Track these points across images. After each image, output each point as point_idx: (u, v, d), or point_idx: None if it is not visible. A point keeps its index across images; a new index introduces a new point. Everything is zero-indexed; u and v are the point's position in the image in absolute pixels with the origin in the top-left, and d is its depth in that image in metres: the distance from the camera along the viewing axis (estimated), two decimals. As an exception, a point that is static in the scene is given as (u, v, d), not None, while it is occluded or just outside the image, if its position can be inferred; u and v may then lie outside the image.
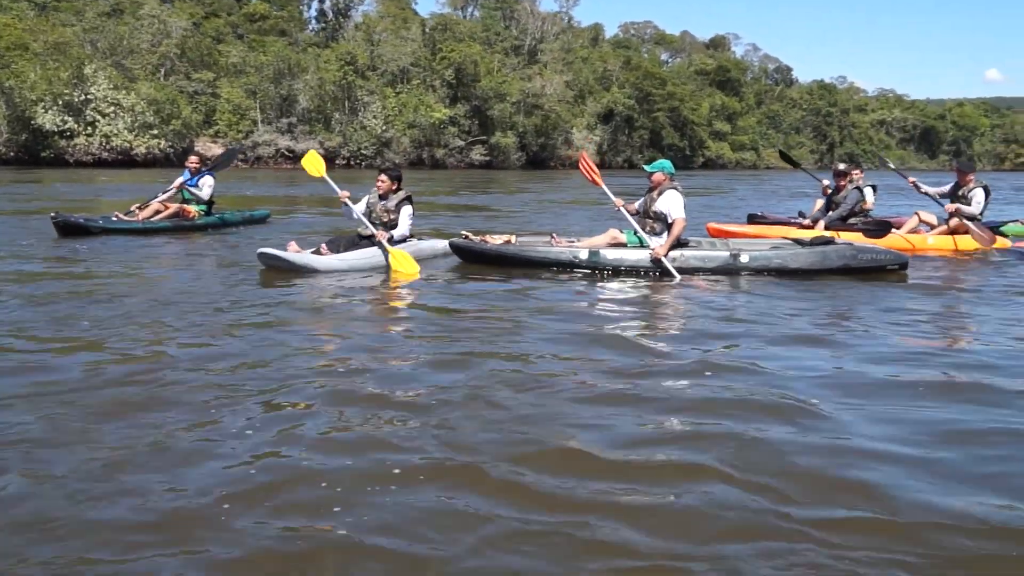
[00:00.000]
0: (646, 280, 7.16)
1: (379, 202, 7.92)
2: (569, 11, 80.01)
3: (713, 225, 10.32)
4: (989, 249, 9.58)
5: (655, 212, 7.62)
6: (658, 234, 7.58)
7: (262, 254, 7.06)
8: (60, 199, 16.97)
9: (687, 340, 4.94)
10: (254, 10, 64.18)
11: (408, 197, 7.98)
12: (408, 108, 52.05)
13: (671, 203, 7.51)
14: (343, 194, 7.69)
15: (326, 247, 7.46)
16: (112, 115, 39.97)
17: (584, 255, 7.50)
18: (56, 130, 38.74)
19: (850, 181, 10.27)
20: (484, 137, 56.07)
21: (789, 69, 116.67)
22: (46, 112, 38.34)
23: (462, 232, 8.10)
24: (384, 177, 7.98)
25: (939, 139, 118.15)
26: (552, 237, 7.96)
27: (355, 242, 7.73)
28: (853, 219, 10.06)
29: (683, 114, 76.78)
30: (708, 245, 8.06)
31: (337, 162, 49.59)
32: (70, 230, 9.19)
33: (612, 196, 7.79)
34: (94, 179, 27.21)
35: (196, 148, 44.11)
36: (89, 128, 39.63)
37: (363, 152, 49.91)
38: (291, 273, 6.90)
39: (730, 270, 7.46)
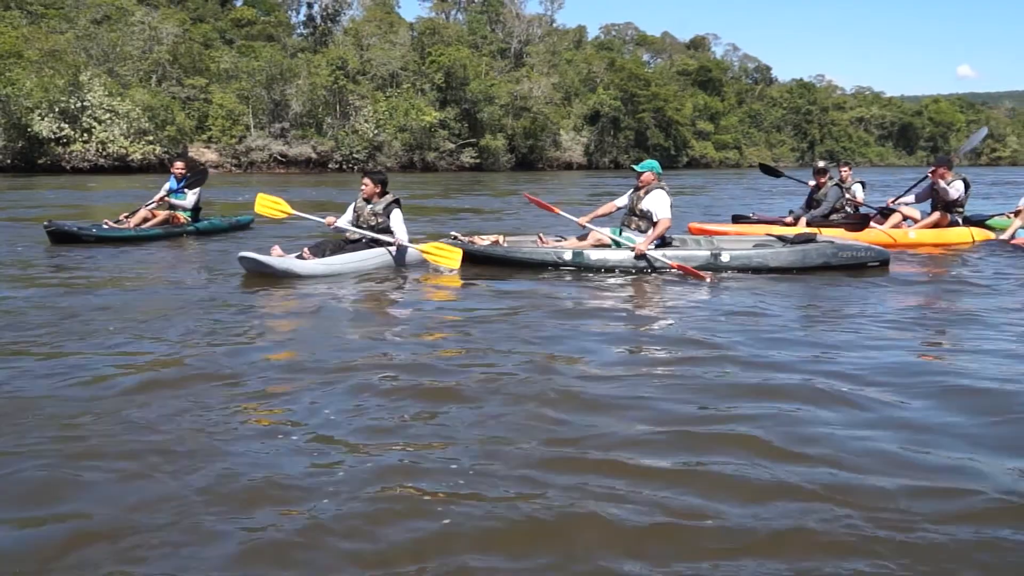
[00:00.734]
0: (629, 278, 7.33)
1: (366, 206, 7.89)
2: (553, 14, 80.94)
3: (695, 225, 10.28)
4: (972, 243, 9.72)
5: (641, 210, 7.86)
6: (643, 231, 7.82)
7: (243, 258, 6.98)
8: (55, 206, 16.90)
9: (665, 334, 5.18)
10: (241, 15, 64.54)
11: (396, 200, 7.96)
12: (399, 112, 52.63)
13: (658, 202, 7.76)
14: (328, 220, 7.72)
15: (309, 252, 7.41)
16: (108, 122, 40.29)
17: (568, 255, 7.71)
18: (53, 137, 39.02)
19: (830, 178, 10.53)
20: (474, 140, 56.72)
21: (768, 68, 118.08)
22: (42, 119, 38.62)
23: (451, 233, 8.25)
24: (368, 181, 7.94)
25: (917, 135, 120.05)
26: (539, 238, 8.18)
27: (341, 247, 7.66)
28: (835, 215, 10.32)
29: (667, 114, 77.87)
30: (693, 244, 8.25)
31: (330, 166, 50.14)
32: (63, 238, 9.22)
33: (572, 218, 8.06)
34: (88, 186, 27.33)
35: (190, 154, 44.62)
36: (85, 135, 39.93)
37: (355, 156, 50.42)
38: (278, 277, 6.89)
39: (711, 269, 7.60)
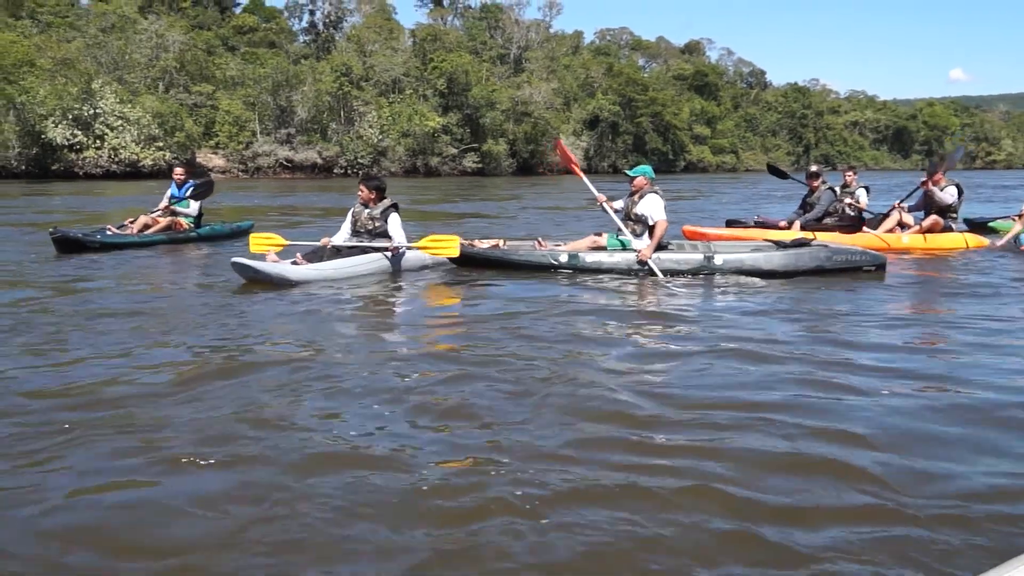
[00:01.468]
0: (622, 281, 7.49)
1: (363, 211, 7.94)
2: (551, 20, 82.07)
3: (689, 228, 10.32)
4: (965, 248, 9.80)
5: (636, 215, 7.98)
6: (639, 236, 7.95)
7: (235, 264, 6.94)
8: (68, 211, 17.14)
9: (660, 337, 5.28)
10: (242, 22, 65.45)
11: (394, 205, 8.02)
12: (402, 117, 53.54)
13: (652, 206, 7.87)
14: (324, 241, 7.76)
15: (303, 258, 7.46)
16: (119, 128, 41.13)
17: (564, 258, 7.89)
18: (66, 144, 39.84)
19: (823, 182, 10.53)
20: (476, 145, 57.63)
21: (763, 72, 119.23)
22: (56, 126, 39.42)
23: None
24: (363, 187, 7.97)
25: (911, 139, 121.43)
26: (537, 242, 8.40)
27: (337, 252, 7.69)
28: (828, 219, 10.34)
29: (665, 119, 78.97)
30: (688, 248, 8.36)
31: (335, 171, 51.02)
32: (69, 245, 9.28)
33: (594, 189, 8.30)
34: (101, 191, 27.93)
35: (197, 159, 45.54)
36: (98, 141, 40.73)
37: (360, 161, 51.30)
38: (273, 283, 6.95)
39: (705, 272, 7.75)
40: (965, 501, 2.75)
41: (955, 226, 10.41)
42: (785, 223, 10.39)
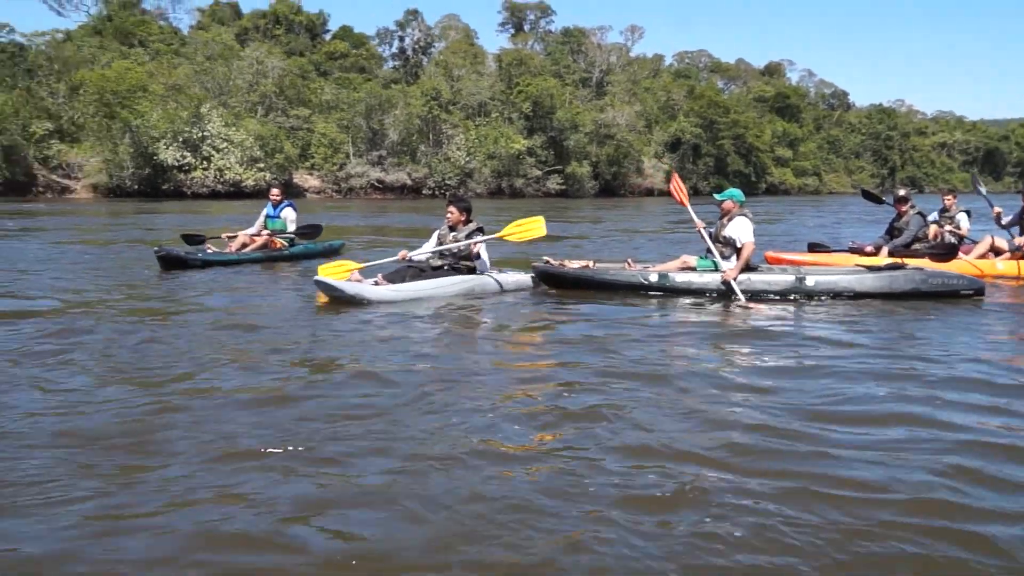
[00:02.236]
0: (711, 302, 7.52)
1: (449, 233, 7.95)
2: (633, 44, 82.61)
3: (771, 253, 10.01)
4: None
5: (724, 237, 7.98)
6: (727, 258, 7.93)
7: (318, 282, 7.09)
8: (175, 229, 17.41)
9: (752, 358, 5.27)
10: (334, 48, 67.83)
11: (480, 228, 8.00)
12: (488, 140, 54.65)
13: (740, 228, 7.89)
14: (402, 255, 7.86)
15: (384, 278, 7.48)
16: (225, 150, 43.19)
17: (654, 278, 7.89)
18: (176, 165, 42.01)
19: (911, 207, 10.00)
20: (560, 166, 58.37)
21: (845, 94, 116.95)
22: (167, 148, 41.63)
23: (543, 257, 8.50)
24: (453, 208, 7.96)
25: (1004, 160, 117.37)
26: (627, 262, 8.39)
27: (419, 274, 7.67)
28: (917, 244, 9.81)
29: (748, 141, 78.45)
30: (780, 270, 8.28)
31: (424, 192, 52.30)
32: (173, 263, 9.67)
33: (696, 217, 8.29)
34: (207, 210, 29.08)
35: (294, 180, 47.35)
36: (205, 162, 42.85)
37: (447, 182, 52.49)
38: (357, 303, 7.06)
39: (796, 293, 7.67)
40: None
41: None
42: (872, 248, 9.95)
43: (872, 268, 8.01)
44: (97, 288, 8.32)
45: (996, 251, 9.77)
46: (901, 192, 10.32)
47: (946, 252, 9.32)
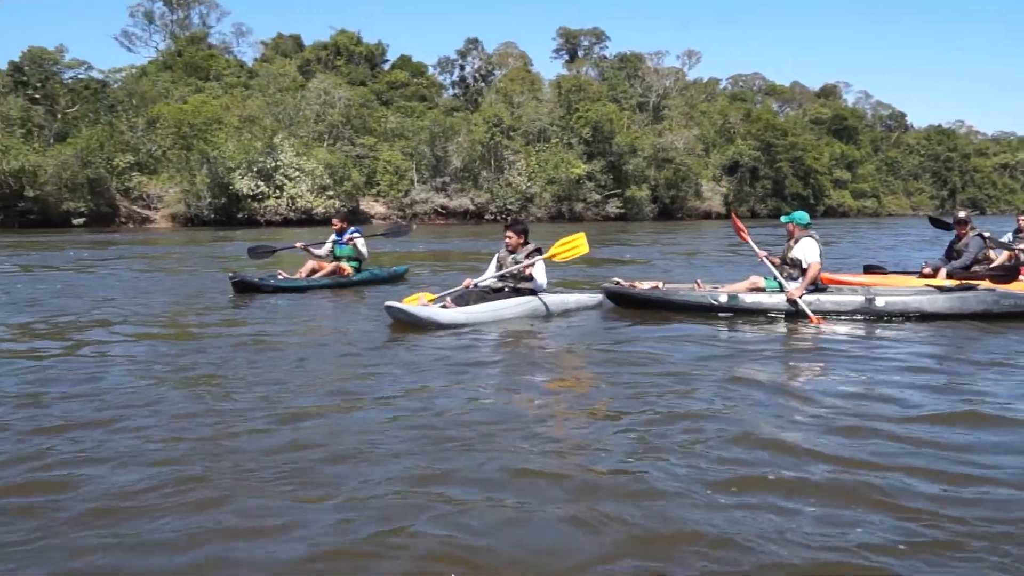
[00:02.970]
0: (781, 322, 7.63)
1: (508, 256, 8.18)
2: (690, 68, 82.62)
3: (827, 275, 9.65)
4: None
5: (792, 259, 8.21)
6: (795, 279, 8.12)
7: (389, 308, 7.22)
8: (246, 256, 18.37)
9: (825, 376, 5.38)
10: (395, 78, 69.13)
11: (538, 249, 8.19)
12: (548, 165, 55.03)
13: (807, 249, 8.11)
14: (466, 283, 8.00)
15: (452, 301, 7.65)
16: (296, 179, 44.20)
17: (723, 298, 8.03)
18: (250, 194, 43.13)
19: (971, 228, 9.92)
20: (619, 190, 58.47)
21: (903, 115, 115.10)
22: (242, 178, 42.77)
23: (614, 279, 8.74)
24: (511, 233, 8.19)
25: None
26: (696, 283, 8.58)
27: (484, 296, 7.86)
28: (977, 267, 9.68)
29: (806, 163, 77.67)
30: (849, 290, 8.32)
31: (486, 217, 52.78)
32: (246, 288, 10.02)
33: (756, 248, 8.50)
34: (279, 237, 28.79)
35: (360, 207, 48.19)
36: (277, 191, 43.86)
37: (509, 207, 52.92)
38: (424, 326, 7.19)
39: (865, 314, 7.72)
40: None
41: None
42: (929, 270, 9.79)
43: (943, 288, 7.97)
44: (191, 311, 8.78)
45: None
46: (961, 214, 10.25)
47: (1007, 274, 9.07)
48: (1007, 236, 10.58)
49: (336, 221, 11.62)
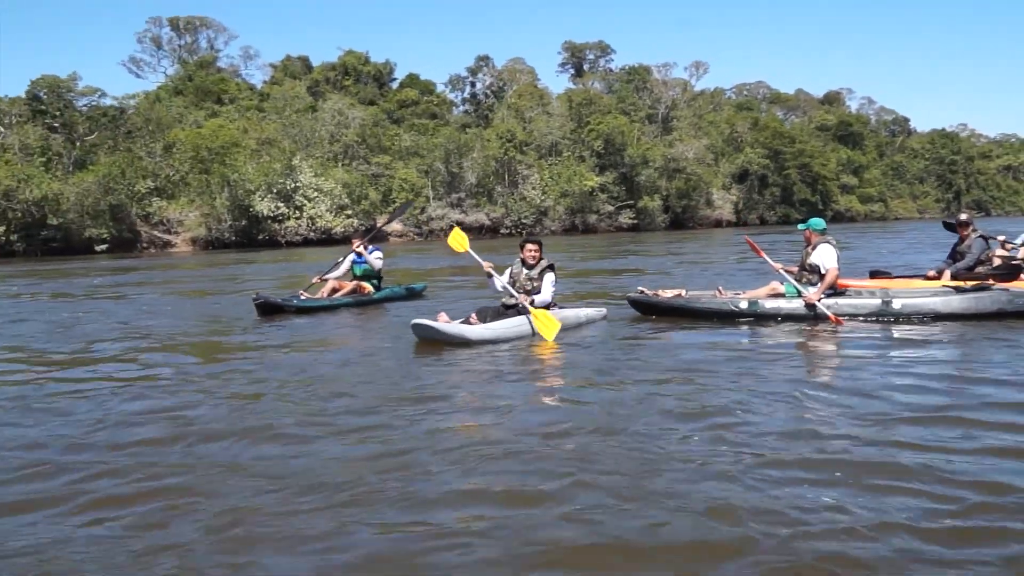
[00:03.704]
0: (801, 326, 7.72)
1: (523, 271, 8.11)
2: (697, 80, 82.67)
3: (840, 281, 9.66)
4: None
5: (810, 265, 8.31)
6: (813, 284, 8.21)
7: (416, 325, 7.23)
8: (271, 278, 18.29)
9: (848, 377, 5.47)
10: (405, 96, 69.17)
11: (551, 265, 8.11)
12: (561, 178, 55.00)
13: (824, 255, 8.21)
14: (487, 265, 8.00)
15: (475, 316, 7.62)
16: (315, 199, 44.17)
17: (745, 305, 8.15)
18: (271, 215, 43.08)
19: (973, 230, 9.98)
20: (631, 201, 58.44)
21: (906, 120, 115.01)
22: (262, 200, 42.74)
23: (638, 288, 8.87)
24: (534, 247, 8.13)
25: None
26: (718, 290, 8.67)
27: (500, 312, 7.84)
28: (980, 267, 9.78)
29: (813, 169, 77.60)
30: (867, 293, 8.39)
31: (501, 231, 52.70)
32: (269, 309, 10.00)
33: (771, 262, 8.59)
34: (300, 257, 29.76)
35: (378, 224, 48.06)
36: (297, 212, 43.83)
37: (524, 221, 52.87)
38: (448, 342, 7.16)
39: (883, 316, 7.82)
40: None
41: None
42: (934, 272, 9.85)
43: (959, 289, 8.05)
44: (230, 331, 8.93)
45: None
46: (962, 216, 10.35)
47: (1008, 273, 9.30)
48: (1021, 237, 10.68)
49: (356, 240, 11.64)
